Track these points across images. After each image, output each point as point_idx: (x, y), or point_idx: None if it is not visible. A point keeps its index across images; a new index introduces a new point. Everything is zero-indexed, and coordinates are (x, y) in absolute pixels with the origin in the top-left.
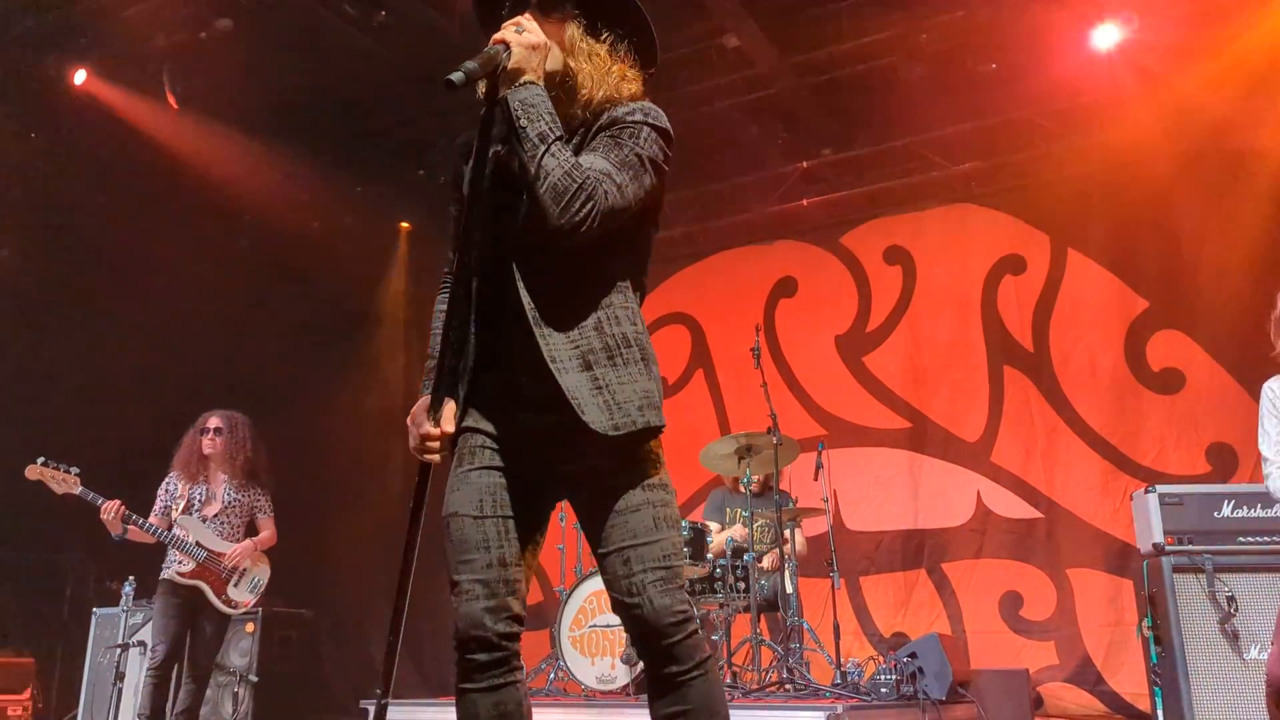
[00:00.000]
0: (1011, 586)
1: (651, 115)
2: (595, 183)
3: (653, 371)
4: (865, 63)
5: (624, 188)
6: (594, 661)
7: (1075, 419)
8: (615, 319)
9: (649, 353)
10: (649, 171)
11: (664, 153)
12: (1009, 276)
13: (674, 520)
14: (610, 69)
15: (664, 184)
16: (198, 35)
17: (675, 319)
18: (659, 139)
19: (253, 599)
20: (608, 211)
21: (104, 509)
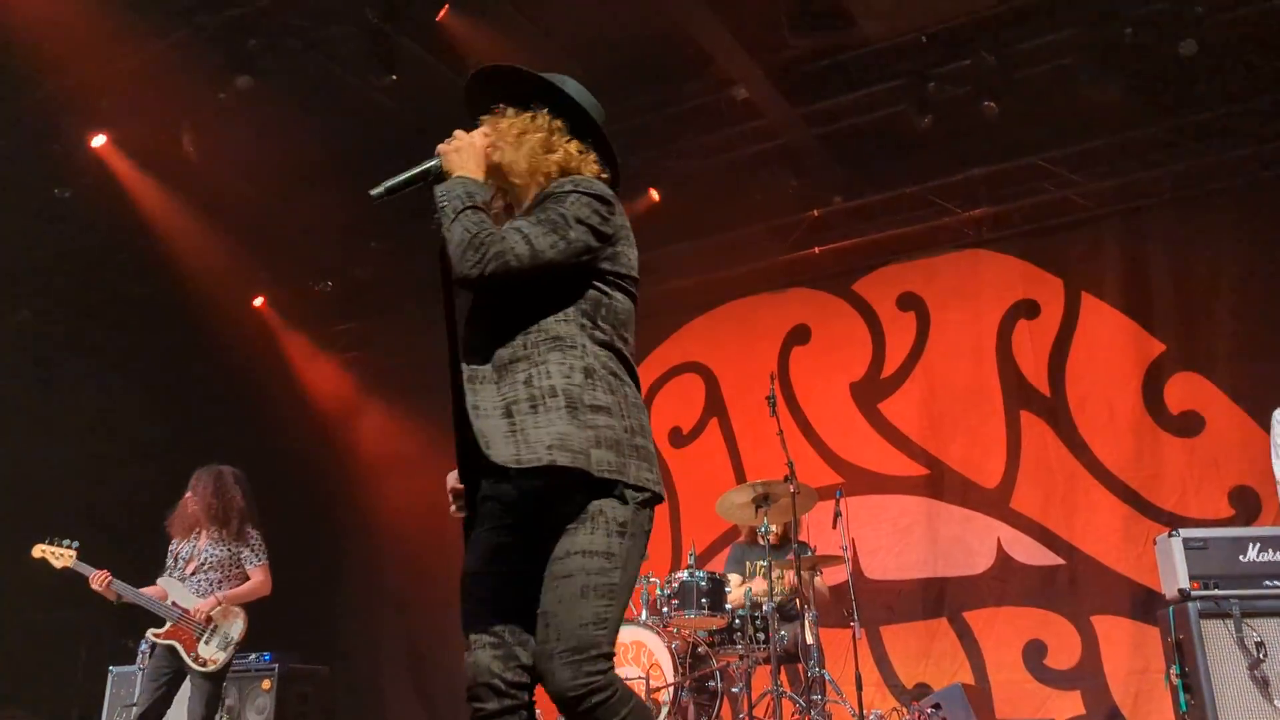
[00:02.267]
0: (1035, 635)
1: (582, 185)
2: (497, 238)
3: (584, 419)
4: (873, 111)
5: (534, 239)
6: None
7: (1095, 463)
8: (547, 374)
9: (583, 403)
10: (573, 228)
11: (597, 214)
12: (1023, 321)
13: (606, 589)
14: (549, 152)
15: (610, 245)
16: (217, 95)
17: (689, 368)
18: (589, 201)
19: (224, 655)
20: (511, 259)
21: (92, 579)
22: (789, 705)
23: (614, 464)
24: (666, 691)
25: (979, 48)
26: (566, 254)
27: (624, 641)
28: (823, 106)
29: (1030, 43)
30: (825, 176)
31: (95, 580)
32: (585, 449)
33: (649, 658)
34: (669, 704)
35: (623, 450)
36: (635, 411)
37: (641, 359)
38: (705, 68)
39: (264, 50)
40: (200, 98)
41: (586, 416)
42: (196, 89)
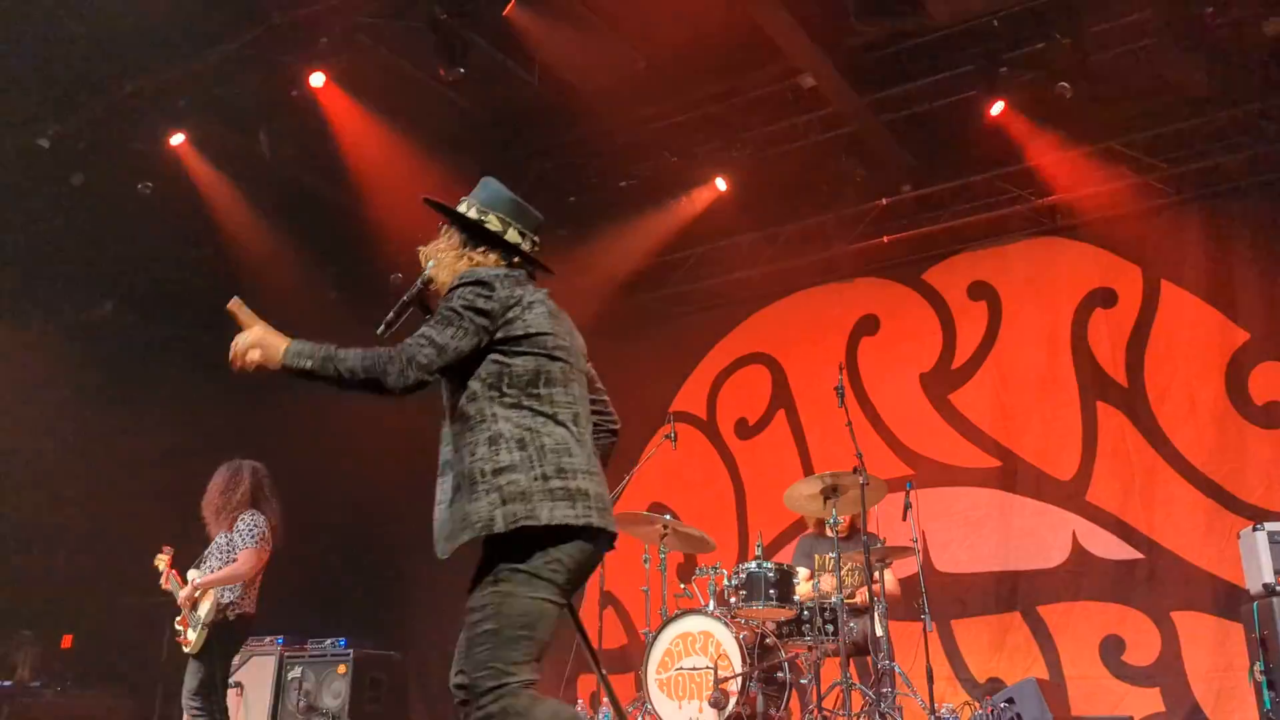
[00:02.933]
0: (1112, 630)
1: (465, 277)
2: (397, 351)
3: (487, 486)
4: (944, 97)
5: (434, 337)
6: (681, 705)
7: (1175, 456)
8: (461, 461)
9: (485, 474)
10: (463, 315)
11: (480, 297)
12: (1099, 310)
13: (483, 637)
14: (456, 261)
15: (499, 318)
16: (290, 93)
17: (756, 359)
18: (470, 289)
19: (194, 636)
20: (422, 358)
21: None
22: (858, 697)
23: (521, 513)
24: (734, 682)
25: (1053, 30)
26: (465, 339)
27: (691, 631)
28: (891, 93)
29: (1107, 24)
30: (894, 164)
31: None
32: (487, 516)
33: (717, 648)
34: (737, 694)
35: (531, 498)
36: (554, 457)
37: (707, 350)
38: (771, 56)
39: (335, 47)
40: (273, 95)
41: (491, 482)
42: (270, 87)
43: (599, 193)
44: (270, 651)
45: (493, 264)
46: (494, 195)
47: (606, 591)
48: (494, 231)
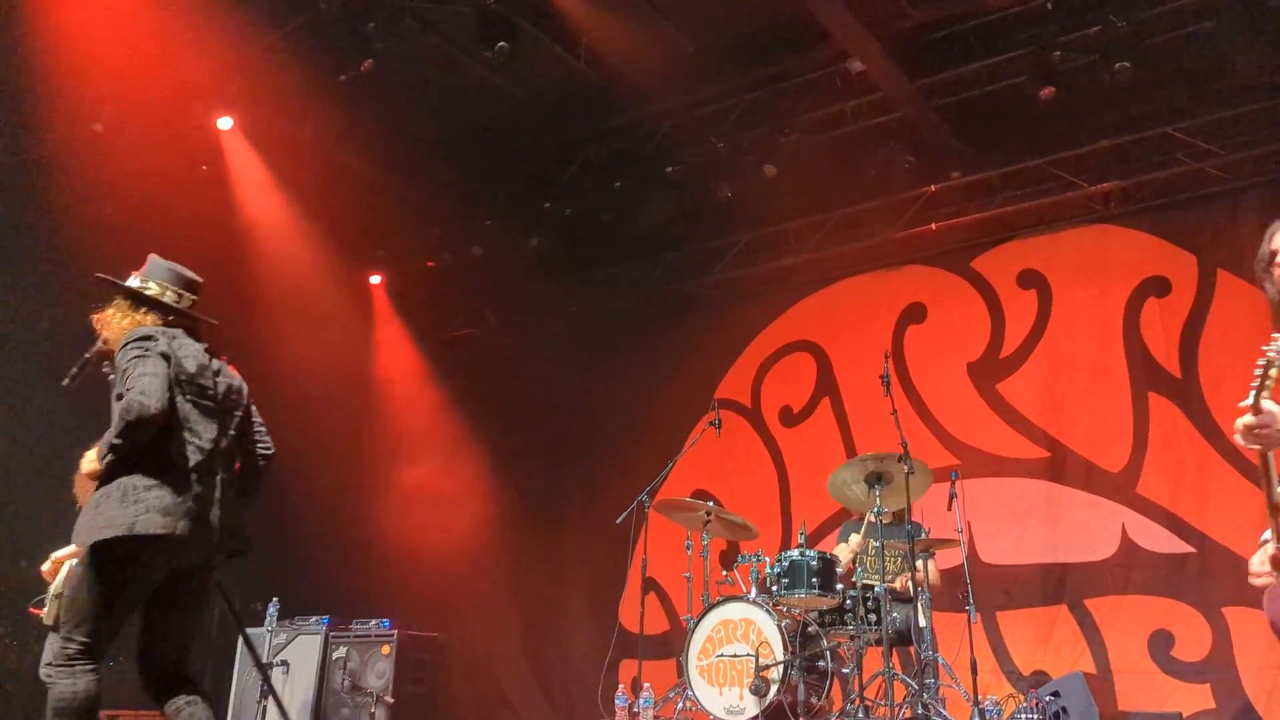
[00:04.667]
0: (1162, 625)
1: (130, 335)
2: (124, 404)
3: (96, 513)
4: (994, 83)
5: (137, 379)
6: (722, 691)
7: (1229, 449)
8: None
9: (98, 505)
10: (131, 371)
11: (138, 351)
12: (1152, 299)
13: (69, 612)
14: (123, 322)
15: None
16: (338, 77)
17: (800, 346)
18: (128, 347)
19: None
20: (140, 398)
21: None
22: (901, 688)
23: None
24: (776, 669)
25: (1108, 13)
26: (160, 379)
27: (733, 618)
28: (941, 78)
29: (1164, 6)
30: (943, 151)
31: None
32: (86, 533)
33: (758, 635)
34: (778, 682)
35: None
36: (185, 483)
37: (752, 337)
38: (820, 41)
39: (382, 32)
40: (322, 80)
41: (102, 508)
42: (318, 71)
43: (645, 178)
44: (316, 631)
45: (151, 323)
46: (154, 266)
47: (649, 578)
48: (152, 295)
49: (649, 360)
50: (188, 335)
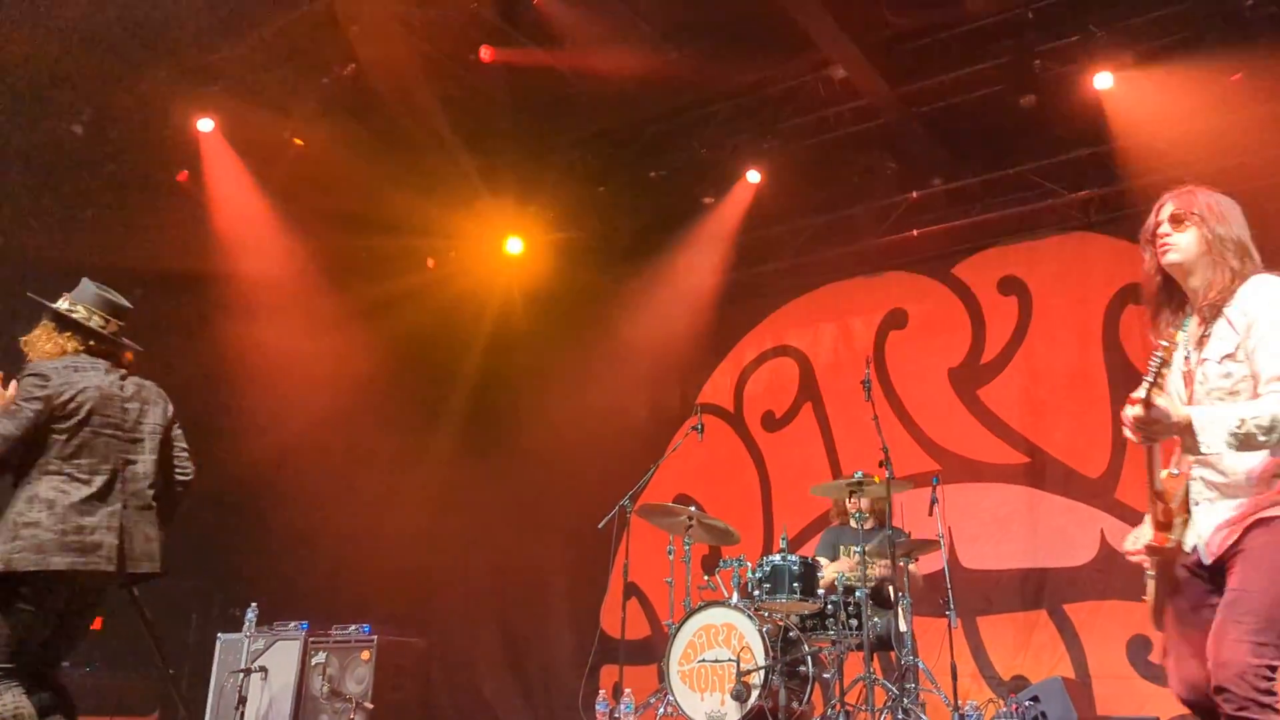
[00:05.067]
0: (1140, 630)
1: (27, 369)
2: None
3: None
4: (975, 90)
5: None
6: (703, 697)
7: None
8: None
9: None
10: (22, 407)
11: (35, 387)
12: (1131, 306)
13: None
14: (47, 344)
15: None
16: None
17: (783, 352)
18: (27, 380)
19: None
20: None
21: None
22: (881, 693)
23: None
24: (757, 675)
25: (1088, 22)
26: (23, 426)
27: (714, 623)
28: (923, 86)
29: (1143, 17)
30: (925, 158)
31: None
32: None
33: (740, 640)
34: (759, 687)
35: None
36: (73, 515)
37: (734, 342)
38: (802, 48)
39: (365, 35)
40: (304, 82)
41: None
42: (300, 74)
43: (629, 184)
44: (295, 637)
45: (73, 348)
46: (83, 290)
47: (630, 582)
48: (77, 319)
49: (631, 365)
50: (108, 360)
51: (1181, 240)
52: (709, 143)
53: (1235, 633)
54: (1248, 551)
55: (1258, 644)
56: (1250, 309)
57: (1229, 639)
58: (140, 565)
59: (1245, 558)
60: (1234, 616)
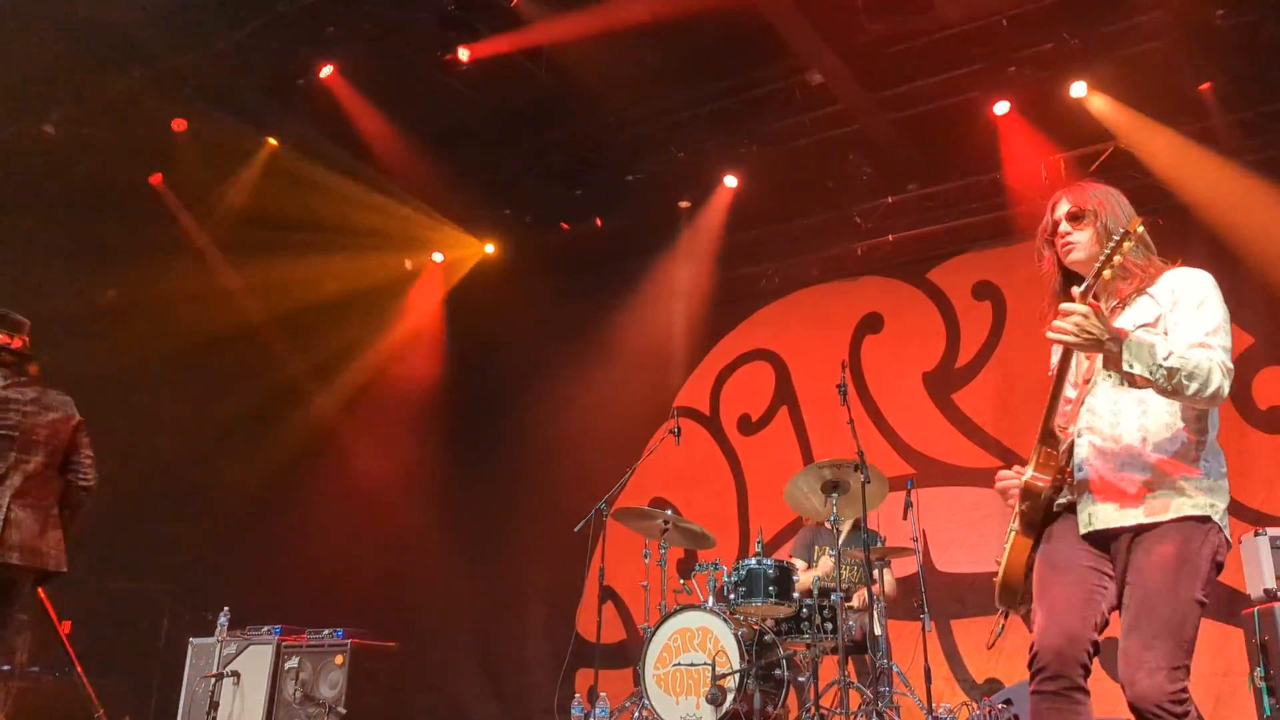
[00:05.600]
0: (1111, 633)
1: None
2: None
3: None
4: (952, 96)
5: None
6: (679, 700)
7: None
8: None
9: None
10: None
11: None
12: None
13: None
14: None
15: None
16: (296, 81)
17: (759, 355)
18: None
19: None
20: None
21: None
22: (856, 696)
23: None
24: (732, 678)
25: (1061, 31)
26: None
27: (690, 627)
28: (899, 92)
29: (1114, 26)
30: (900, 163)
31: None
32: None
33: (715, 644)
34: (734, 691)
35: None
36: None
37: (712, 345)
38: (780, 53)
39: (342, 36)
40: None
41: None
42: (277, 75)
43: (606, 187)
44: (267, 641)
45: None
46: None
47: (606, 586)
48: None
49: (608, 368)
50: (10, 370)
51: (1082, 238)
52: (686, 146)
53: (1150, 660)
54: (1159, 557)
55: (1173, 669)
56: (1179, 288)
57: (1145, 667)
58: (35, 560)
59: (1155, 562)
60: (1146, 641)
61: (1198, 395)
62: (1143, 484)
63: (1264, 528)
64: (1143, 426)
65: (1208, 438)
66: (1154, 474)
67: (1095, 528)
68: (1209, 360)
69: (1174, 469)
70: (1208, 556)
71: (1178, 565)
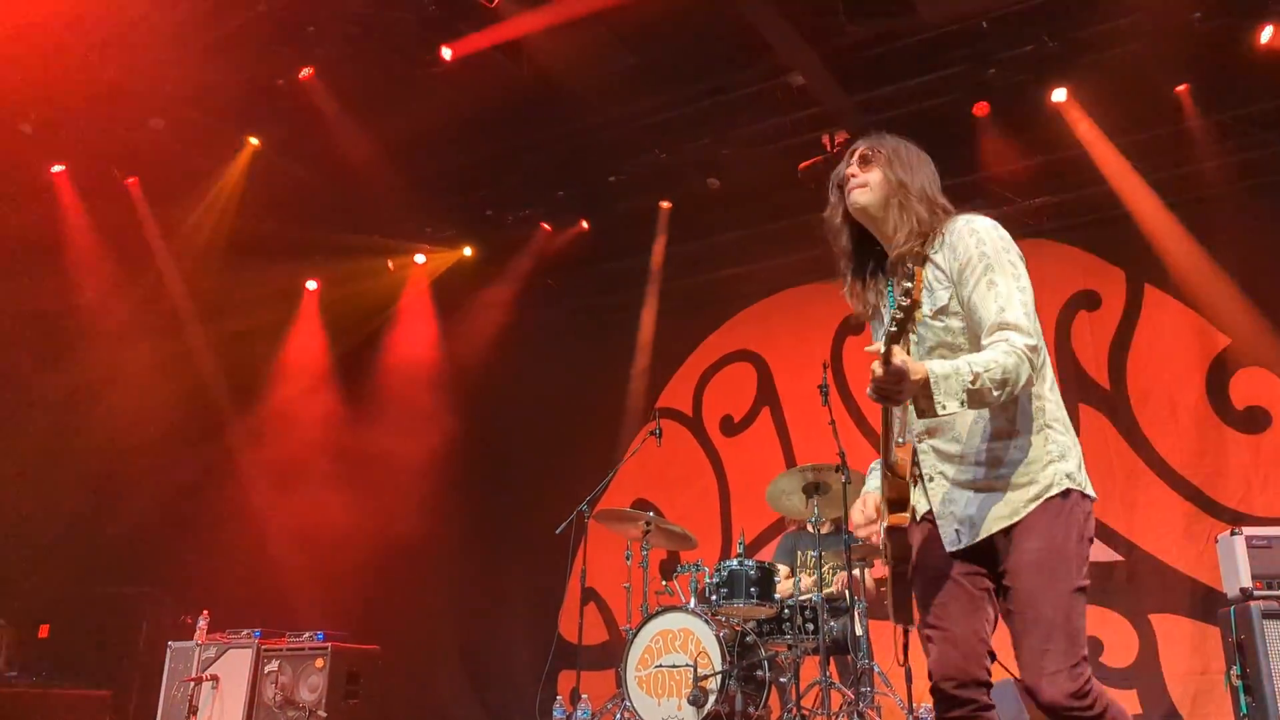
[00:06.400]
0: (1091, 632)
1: None
2: None
3: None
4: (932, 99)
5: None
6: (660, 702)
7: (1155, 459)
8: None
9: None
10: None
11: None
12: (1083, 312)
13: None
14: None
15: None
16: (276, 82)
17: (741, 356)
18: None
19: None
20: None
21: None
22: (837, 696)
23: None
24: (713, 680)
25: (1041, 33)
26: None
27: (672, 628)
28: (879, 94)
29: (1093, 29)
30: None
31: None
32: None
33: (697, 645)
34: (716, 692)
35: None
36: None
37: (694, 347)
38: (761, 55)
39: (322, 36)
40: (260, 84)
41: None
42: (256, 75)
43: (587, 187)
44: (247, 645)
45: None
46: None
47: (588, 588)
48: None
49: (589, 370)
50: None
51: (871, 178)
52: (667, 147)
53: (1049, 665)
54: (1030, 556)
55: (1072, 668)
56: (961, 249)
57: (1045, 674)
58: None
59: (1027, 563)
60: (1039, 644)
61: (1007, 397)
62: (995, 479)
63: (1240, 527)
64: (978, 426)
65: (1043, 401)
66: (1005, 465)
67: (962, 545)
68: (1008, 355)
69: (1022, 451)
70: (1074, 539)
71: (1049, 561)
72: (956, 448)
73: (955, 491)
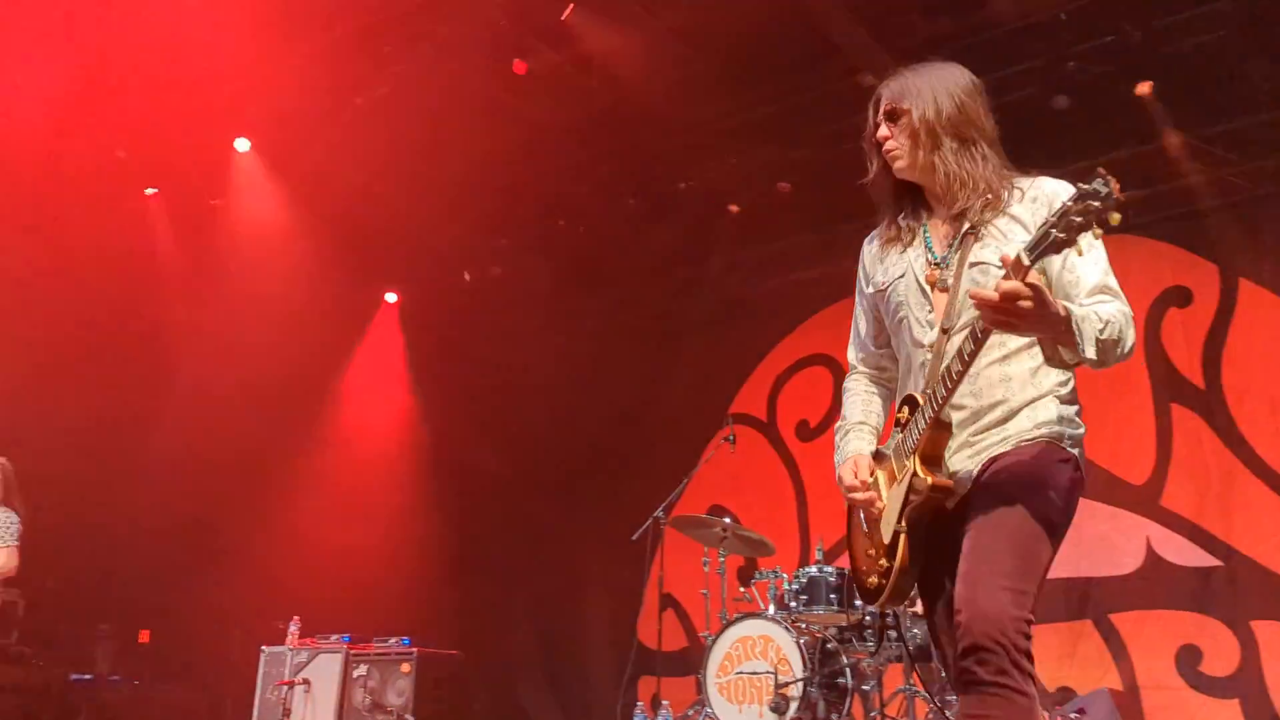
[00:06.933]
0: (1189, 640)
1: None
2: None
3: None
4: (1010, 93)
5: None
6: (741, 709)
7: (1254, 460)
8: None
9: None
10: None
11: None
12: (1174, 309)
13: None
14: None
15: None
16: (353, 100)
17: (816, 360)
18: None
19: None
20: None
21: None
22: (922, 705)
23: None
24: (795, 687)
25: (1122, 23)
26: None
27: (751, 635)
28: None
29: (1177, 16)
30: None
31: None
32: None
33: (777, 652)
34: (798, 699)
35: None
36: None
37: (768, 351)
38: (831, 55)
39: (398, 55)
40: (338, 103)
41: None
42: (334, 95)
43: (658, 195)
44: (336, 650)
45: None
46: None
47: (666, 594)
48: None
49: (662, 377)
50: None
51: (901, 143)
52: (738, 152)
53: (991, 577)
54: (1004, 471)
55: (1018, 591)
56: (1058, 205)
57: (984, 584)
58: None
59: (986, 487)
60: (984, 556)
61: (1117, 360)
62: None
63: None
64: (1001, 365)
65: (1072, 385)
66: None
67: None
68: (1121, 314)
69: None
70: (1063, 483)
71: (1030, 476)
72: (975, 403)
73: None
